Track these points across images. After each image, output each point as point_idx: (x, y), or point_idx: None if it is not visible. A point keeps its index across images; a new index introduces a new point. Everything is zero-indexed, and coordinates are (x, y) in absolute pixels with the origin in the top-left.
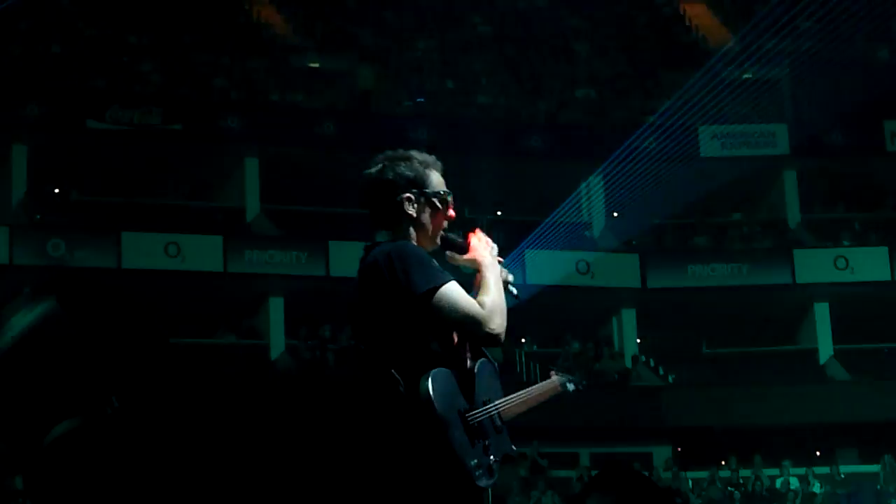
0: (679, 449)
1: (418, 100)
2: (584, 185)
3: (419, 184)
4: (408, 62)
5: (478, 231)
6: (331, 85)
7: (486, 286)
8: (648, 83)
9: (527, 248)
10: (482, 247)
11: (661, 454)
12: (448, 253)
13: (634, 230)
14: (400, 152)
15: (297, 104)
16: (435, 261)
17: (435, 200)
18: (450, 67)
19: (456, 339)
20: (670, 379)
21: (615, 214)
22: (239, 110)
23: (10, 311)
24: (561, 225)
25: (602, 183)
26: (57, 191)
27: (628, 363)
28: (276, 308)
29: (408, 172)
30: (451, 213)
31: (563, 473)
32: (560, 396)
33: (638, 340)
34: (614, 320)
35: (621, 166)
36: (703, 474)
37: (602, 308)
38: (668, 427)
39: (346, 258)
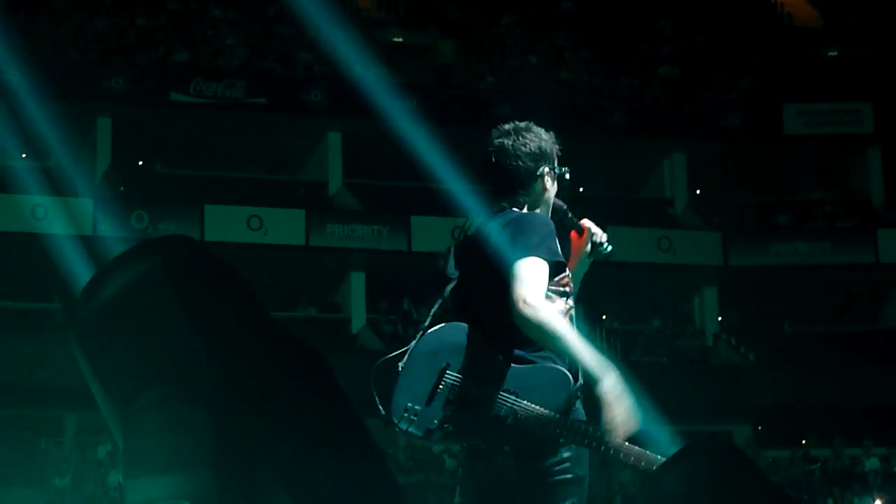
0: (759, 428)
1: (488, 78)
2: (666, 162)
3: (551, 159)
4: (490, 38)
5: (591, 225)
6: (413, 59)
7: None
8: (732, 60)
9: (609, 225)
10: (594, 236)
11: (741, 433)
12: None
13: (717, 208)
14: (530, 125)
15: (380, 78)
16: (556, 240)
17: (560, 178)
18: (532, 43)
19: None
20: (751, 357)
21: (698, 192)
22: (322, 84)
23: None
24: (643, 202)
25: (685, 160)
26: (140, 163)
27: (709, 341)
28: (357, 282)
29: (544, 147)
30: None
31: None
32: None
33: (719, 318)
34: (696, 298)
35: (704, 144)
36: (783, 453)
37: (683, 286)
38: (749, 406)
39: (427, 233)
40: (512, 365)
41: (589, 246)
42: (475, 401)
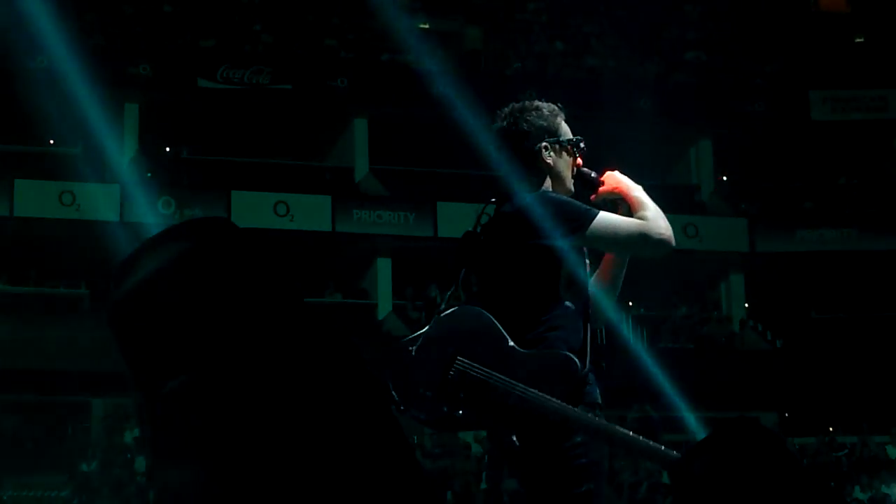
0: (786, 414)
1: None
2: (692, 148)
3: (552, 132)
4: (517, 23)
5: (610, 171)
6: (439, 46)
7: (639, 202)
8: (759, 46)
9: None
10: (616, 177)
11: (768, 420)
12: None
13: (743, 194)
14: (526, 103)
15: (407, 64)
16: (576, 202)
17: (569, 147)
18: (559, 29)
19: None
20: (778, 344)
21: (724, 178)
22: (348, 70)
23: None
24: (669, 188)
25: (711, 146)
26: (168, 149)
27: (736, 328)
28: (383, 268)
29: (540, 122)
30: (580, 160)
31: (670, 437)
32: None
33: (746, 305)
34: (722, 285)
35: (730, 130)
36: (809, 440)
37: (710, 272)
38: (775, 392)
39: (453, 219)
40: (521, 351)
41: (632, 186)
42: (484, 388)
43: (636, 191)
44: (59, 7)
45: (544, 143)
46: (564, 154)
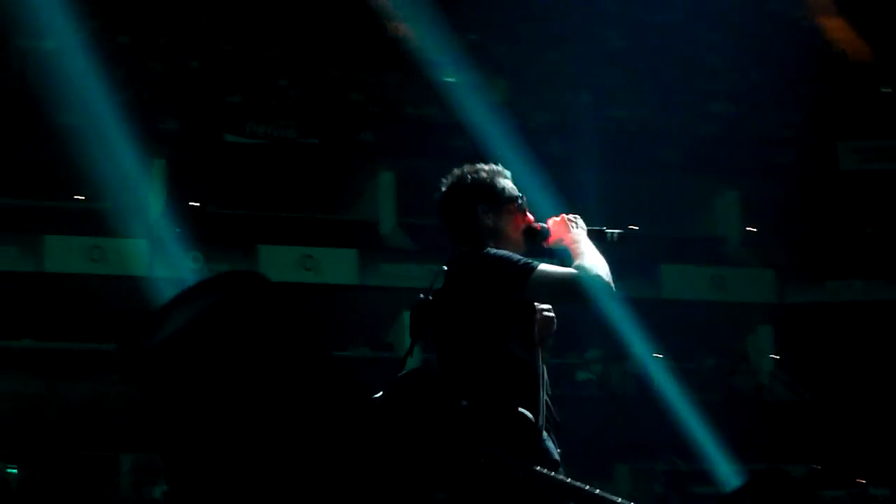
0: (816, 467)
1: (540, 117)
2: (719, 199)
3: (490, 193)
4: (541, 75)
5: (555, 218)
6: (465, 99)
7: (577, 252)
8: (785, 97)
9: (661, 262)
10: (562, 225)
11: (797, 472)
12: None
13: (771, 245)
14: (466, 167)
15: (432, 118)
16: (516, 255)
17: (509, 206)
18: (584, 80)
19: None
20: (807, 395)
21: (751, 229)
22: (374, 124)
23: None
24: (696, 239)
25: (737, 197)
26: (195, 204)
27: (764, 379)
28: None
29: (478, 184)
30: (529, 216)
31: (699, 490)
32: None
33: (774, 356)
34: (750, 336)
35: (757, 181)
36: (839, 493)
37: (737, 323)
38: (804, 444)
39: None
40: (475, 410)
41: (579, 222)
42: (440, 449)
43: (576, 242)
44: (89, 63)
45: (481, 206)
46: (506, 213)
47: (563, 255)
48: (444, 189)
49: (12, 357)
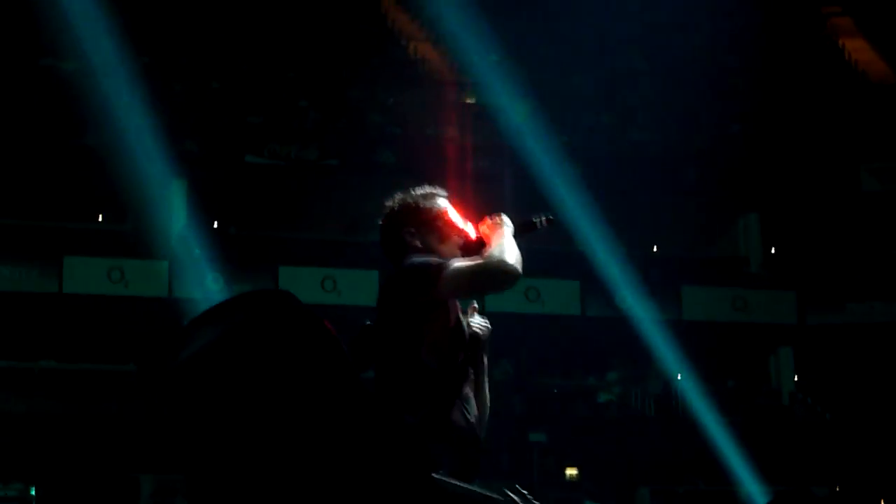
0: (837, 489)
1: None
2: (741, 220)
3: (415, 215)
4: (562, 97)
5: (482, 225)
6: (484, 120)
7: (493, 244)
8: (807, 118)
9: (683, 283)
10: (489, 226)
11: (819, 493)
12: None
13: (792, 266)
14: (396, 195)
15: (452, 139)
16: (427, 257)
17: (436, 224)
18: (605, 102)
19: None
20: (828, 417)
21: (773, 251)
22: (395, 145)
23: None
24: (717, 260)
25: (759, 219)
26: (215, 225)
27: (785, 401)
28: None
29: (402, 210)
30: (462, 227)
31: None
32: None
33: (795, 378)
34: (771, 357)
35: (779, 201)
36: None
37: (759, 345)
38: (826, 466)
39: (499, 294)
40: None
41: (503, 219)
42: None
43: (495, 235)
44: (109, 86)
45: (407, 230)
46: (433, 231)
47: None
48: (380, 221)
49: (32, 378)
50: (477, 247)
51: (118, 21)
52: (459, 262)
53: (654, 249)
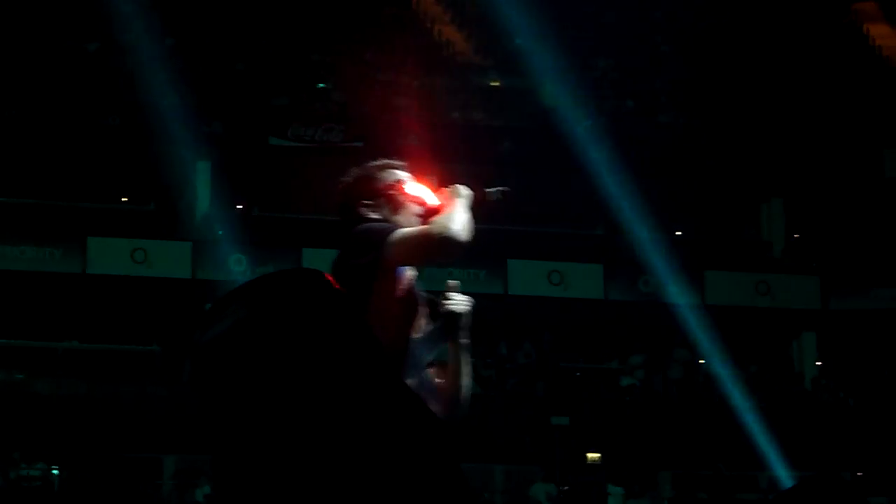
0: (859, 474)
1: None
2: (764, 205)
3: (369, 188)
4: (588, 81)
5: (438, 193)
6: (510, 104)
7: (443, 212)
8: (831, 104)
9: (706, 268)
10: (447, 197)
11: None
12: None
13: (816, 251)
14: (351, 171)
15: (477, 122)
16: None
17: (390, 194)
18: (630, 86)
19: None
20: (850, 402)
21: (796, 236)
22: (419, 128)
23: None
24: (741, 245)
25: (783, 204)
26: (239, 207)
27: (808, 386)
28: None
29: (357, 184)
30: (418, 197)
31: (743, 496)
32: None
33: (818, 363)
34: (794, 342)
35: (803, 187)
36: (881, 500)
37: (782, 330)
38: (848, 451)
39: (524, 277)
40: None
41: (459, 188)
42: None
43: (450, 203)
44: (134, 67)
45: (364, 203)
46: (389, 202)
47: None
48: (338, 203)
49: (55, 358)
50: (435, 216)
51: (145, 2)
52: (405, 229)
53: (678, 234)
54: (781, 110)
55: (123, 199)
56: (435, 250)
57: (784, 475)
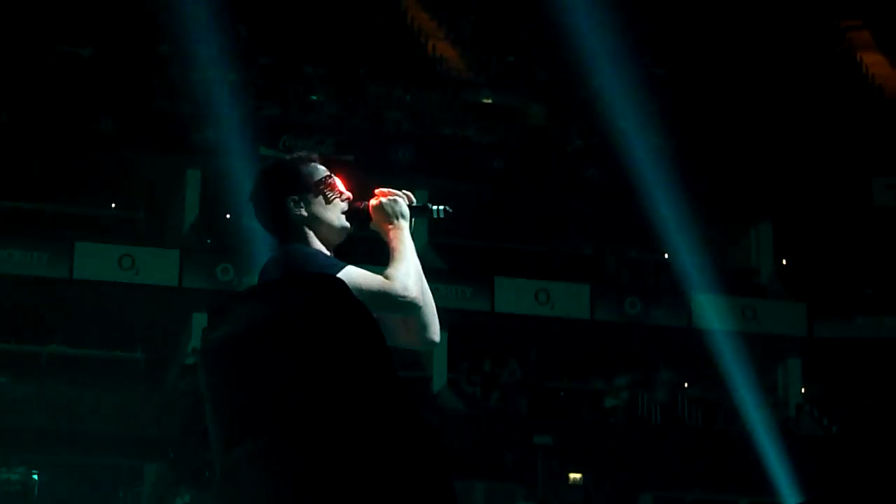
0: (842, 501)
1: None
2: (753, 230)
3: (296, 182)
4: (580, 100)
5: (379, 191)
6: (502, 121)
7: (393, 253)
8: (821, 131)
9: (693, 292)
10: (382, 209)
11: None
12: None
13: (803, 278)
14: (267, 162)
15: (468, 139)
16: (323, 255)
17: (318, 189)
18: (622, 107)
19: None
20: (834, 430)
21: (784, 262)
22: (410, 143)
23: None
24: (728, 270)
25: (771, 229)
26: (228, 216)
27: (792, 412)
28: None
29: (282, 177)
30: (347, 193)
31: None
32: None
33: (802, 389)
34: (779, 368)
35: (791, 213)
36: None
37: (767, 355)
38: (831, 478)
39: (511, 294)
40: None
41: (400, 208)
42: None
43: (393, 235)
44: (128, 73)
45: (291, 198)
46: (320, 198)
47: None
48: (252, 190)
49: (39, 362)
50: (363, 216)
51: (139, 9)
52: (360, 275)
53: (665, 257)
54: (772, 136)
55: (112, 206)
56: (388, 308)
57: (769, 501)
